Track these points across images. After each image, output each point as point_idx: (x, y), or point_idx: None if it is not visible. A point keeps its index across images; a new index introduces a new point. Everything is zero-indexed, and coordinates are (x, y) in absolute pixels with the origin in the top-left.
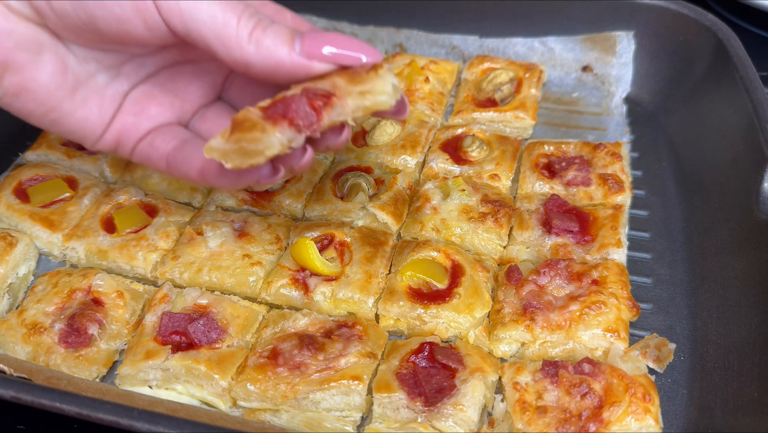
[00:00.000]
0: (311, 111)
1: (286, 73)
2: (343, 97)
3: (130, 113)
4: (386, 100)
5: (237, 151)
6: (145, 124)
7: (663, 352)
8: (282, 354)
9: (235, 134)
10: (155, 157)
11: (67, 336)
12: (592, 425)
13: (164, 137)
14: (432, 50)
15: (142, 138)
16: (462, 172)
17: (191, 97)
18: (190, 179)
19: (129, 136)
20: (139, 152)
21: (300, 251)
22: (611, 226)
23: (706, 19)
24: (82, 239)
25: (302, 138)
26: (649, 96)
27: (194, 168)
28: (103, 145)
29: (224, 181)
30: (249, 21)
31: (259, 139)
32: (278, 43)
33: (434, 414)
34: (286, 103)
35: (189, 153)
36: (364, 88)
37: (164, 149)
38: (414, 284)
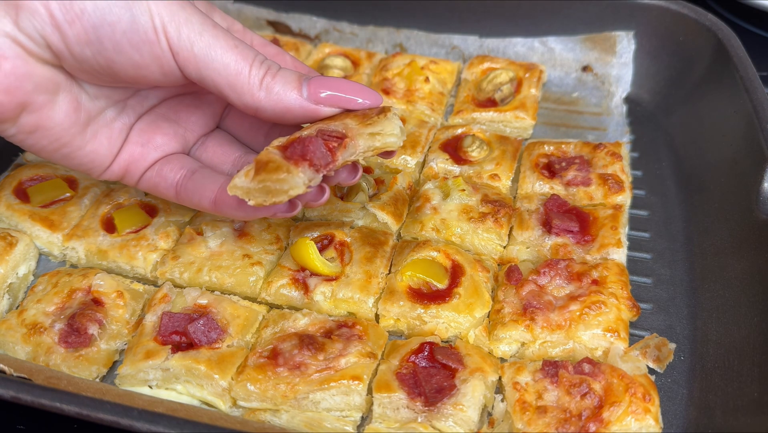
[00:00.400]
0: (327, 152)
1: (294, 116)
2: (354, 138)
3: (138, 144)
4: (395, 141)
5: (261, 190)
6: (152, 154)
7: (663, 352)
8: (282, 354)
9: (260, 175)
10: (163, 186)
11: (67, 336)
12: (592, 425)
13: (172, 166)
14: (432, 50)
15: (149, 167)
16: (462, 172)
17: (192, 127)
18: (201, 208)
19: (137, 166)
20: (146, 181)
21: (300, 251)
22: (611, 226)
23: (706, 19)
24: (82, 238)
25: (320, 177)
26: (649, 96)
27: (206, 198)
28: (110, 175)
29: (240, 214)
30: (260, 69)
31: (284, 180)
32: (287, 89)
33: (434, 414)
34: (304, 144)
35: (199, 183)
36: (374, 129)
37: (173, 179)
38: (414, 284)
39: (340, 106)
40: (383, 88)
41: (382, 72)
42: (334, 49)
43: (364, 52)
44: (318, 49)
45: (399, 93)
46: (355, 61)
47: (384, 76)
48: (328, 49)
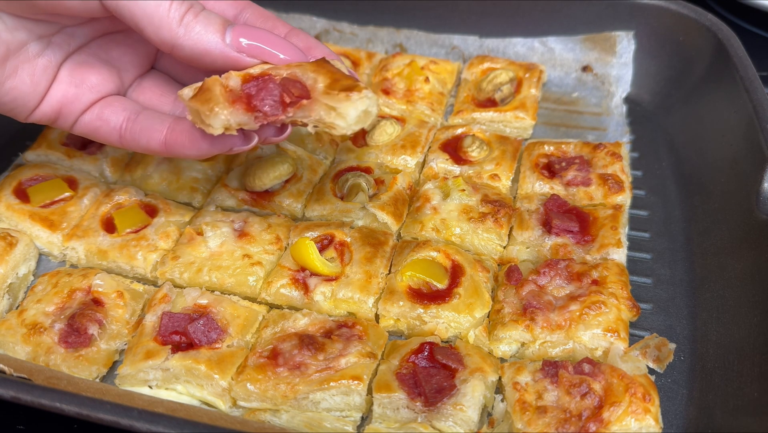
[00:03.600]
0: (278, 104)
1: (213, 60)
2: (313, 103)
3: (70, 84)
4: (342, 127)
5: (193, 111)
6: (87, 96)
7: (663, 352)
8: (282, 354)
9: (196, 97)
10: (105, 130)
11: (67, 336)
12: (592, 425)
13: (113, 109)
14: (432, 50)
15: (86, 110)
16: (462, 172)
17: (127, 66)
18: (149, 151)
19: (72, 108)
20: (85, 125)
21: (300, 251)
22: (611, 226)
23: (706, 19)
24: (82, 239)
25: (255, 125)
26: (649, 96)
27: (155, 140)
28: (41, 116)
29: (192, 152)
30: (182, 4)
31: (206, 114)
32: (209, 31)
33: (434, 414)
34: (259, 88)
35: (146, 125)
36: (332, 104)
37: (116, 122)
38: (414, 284)
39: (262, 58)
40: (383, 88)
41: (382, 72)
42: (335, 49)
43: (364, 52)
44: None
45: (399, 93)
46: (355, 61)
47: (384, 76)
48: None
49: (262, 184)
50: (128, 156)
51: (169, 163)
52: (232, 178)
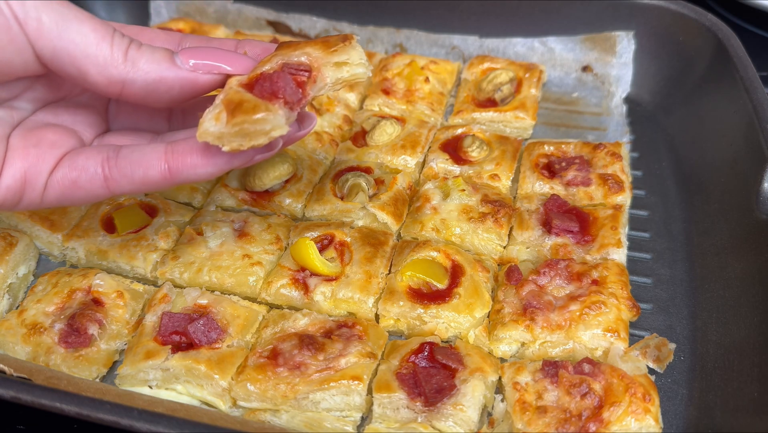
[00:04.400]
0: (297, 87)
1: (169, 88)
2: (321, 70)
3: (27, 147)
4: (363, 72)
5: (237, 133)
6: (50, 153)
7: (663, 352)
8: (282, 354)
9: (236, 117)
10: (84, 179)
11: (67, 336)
12: (592, 425)
13: (86, 155)
14: (432, 50)
15: (53, 169)
16: (462, 172)
17: (82, 127)
18: (146, 186)
19: (37, 169)
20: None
21: (300, 251)
22: (611, 226)
23: (706, 19)
24: (82, 239)
25: (294, 115)
26: (649, 96)
27: (155, 168)
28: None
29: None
30: (122, 41)
31: (265, 120)
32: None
33: (434, 414)
34: (273, 81)
35: (135, 158)
36: (340, 58)
37: (94, 166)
38: (414, 284)
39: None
40: (383, 88)
41: (382, 72)
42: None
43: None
44: None
45: (399, 93)
46: None
47: (384, 76)
48: None
49: (262, 185)
50: None
51: None
52: (232, 178)
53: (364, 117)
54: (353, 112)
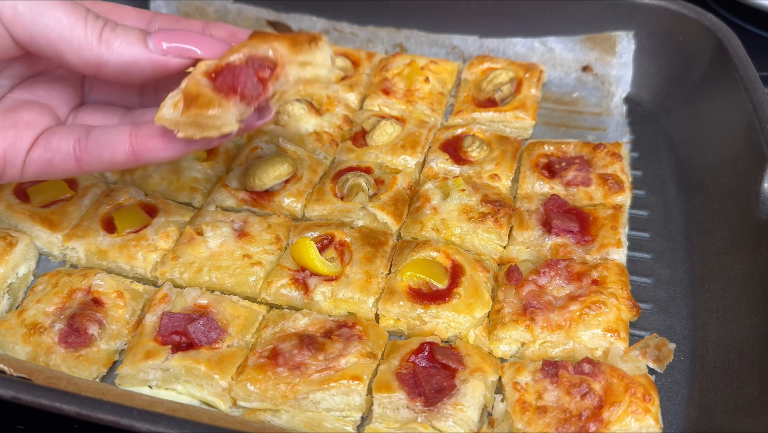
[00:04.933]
0: (258, 83)
1: (141, 70)
2: (285, 67)
3: (4, 128)
4: (326, 75)
5: (191, 124)
6: (27, 133)
7: (663, 352)
8: (282, 354)
9: (191, 109)
10: (59, 159)
11: (67, 336)
12: (592, 425)
13: (60, 136)
14: (432, 50)
15: (30, 148)
16: (462, 172)
17: (57, 102)
18: (114, 165)
19: (14, 149)
20: (34, 163)
21: (300, 251)
22: (611, 226)
23: (706, 19)
24: (82, 239)
25: (251, 111)
26: (649, 96)
27: (120, 151)
28: None
29: (167, 154)
30: (96, 23)
31: (216, 116)
32: (131, 42)
33: (434, 414)
34: (235, 74)
35: (103, 140)
36: (305, 58)
37: (67, 147)
38: (414, 284)
39: (188, 56)
40: (383, 88)
41: (382, 72)
42: (335, 49)
43: (364, 52)
44: None
45: (399, 93)
46: (355, 61)
47: (384, 76)
48: None
49: (262, 184)
50: None
51: (168, 163)
52: (232, 178)
53: (364, 117)
54: (353, 112)
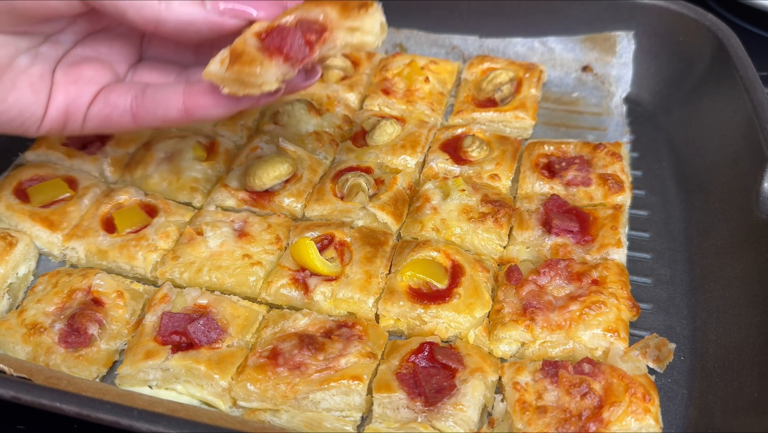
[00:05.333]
0: (304, 45)
1: (198, 30)
2: (333, 31)
3: (68, 83)
4: (373, 41)
5: (235, 80)
6: (88, 89)
7: (663, 352)
8: (282, 354)
9: (234, 66)
10: (117, 115)
11: (67, 336)
12: (592, 425)
13: (118, 93)
14: (432, 50)
15: (91, 103)
16: (462, 172)
17: (117, 59)
18: (167, 123)
19: (76, 104)
20: (94, 117)
21: (300, 251)
22: (611, 226)
23: (706, 19)
24: (82, 239)
25: (294, 72)
26: (649, 96)
27: (174, 108)
28: (51, 124)
29: (217, 112)
30: None
31: (257, 74)
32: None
33: (434, 414)
34: (283, 36)
35: (158, 98)
36: (354, 24)
37: (124, 103)
38: (414, 284)
39: (244, 18)
40: (383, 88)
41: (382, 72)
42: None
43: (364, 52)
44: None
45: (399, 93)
46: (355, 61)
47: (384, 76)
48: None
49: (262, 184)
50: (128, 156)
51: (169, 163)
52: (232, 178)
53: (364, 117)
54: (353, 112)
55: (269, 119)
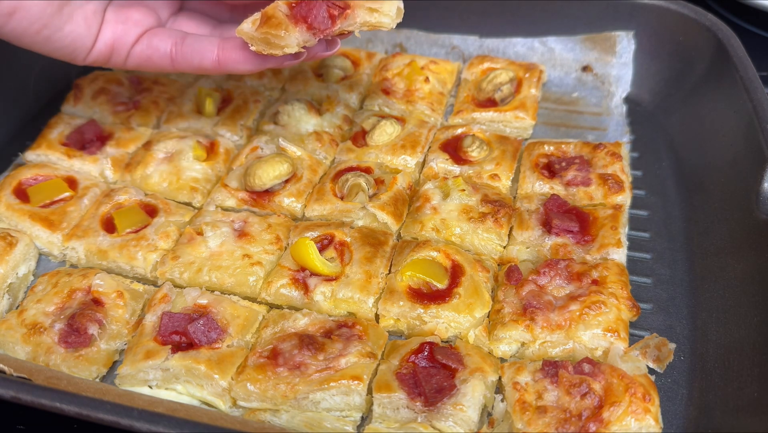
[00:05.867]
0: (327, 18)
1: None
2: (355, 9)
3: (117, 22)
4: (389, 22)
5: (262, 40)
6: (134, 30)
7: (663, 352)
8: (282, 354)
9: (263, 27)
10: (157, 57)
11: (67, 336)
12: (592, 425)
13: (161, 37)
14: (432, 50)
15: (135, 43)
16: (462, 172)
17: (161, 5)
18: (201, 70)
19: (122, 42)
20: (136, 56)
21: (300, 251)
22: (611, 226)
23: (706, 19)
24: (82, 238)
25: (315, 40)
26: (649, 96)
27: (208, 59)
28: (97, 55)
29: (247, 66)
30: None
31: (281, 37)
32: None
33: (434, 414)
34: (309, 7)
35: (196, 47)
36: (373, 5)
37: (165, 48)
38: (414, 284)
39: None
40: (383, 88)
41: (382, 72)
42: None
43: (364, 52)
44: None
45: (399, 93)
46: (355, 61)
47: (384, 76)
48: None
49: (262, 184)
50: (128, 156)
51: (169, 163)
52: (232, 178)
53: (364, 117)
54: (353, 112)
55: (269, 119)
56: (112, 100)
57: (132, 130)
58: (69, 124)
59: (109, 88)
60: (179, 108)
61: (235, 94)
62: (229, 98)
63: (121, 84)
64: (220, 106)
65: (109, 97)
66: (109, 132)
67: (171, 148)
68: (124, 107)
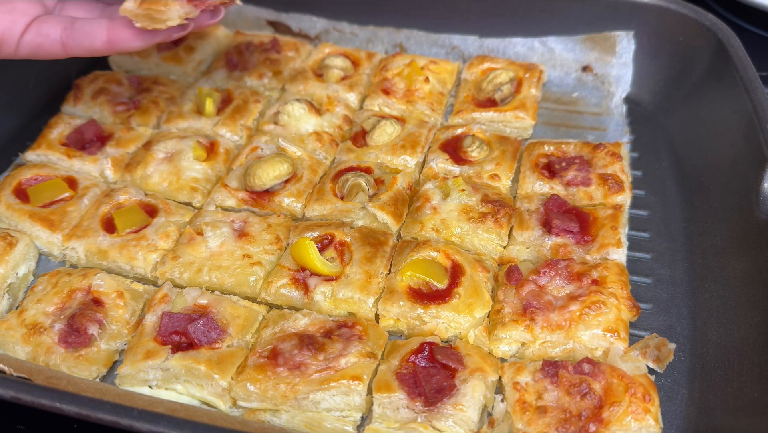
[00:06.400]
0: None
1: None
2: None
3: (3, 13)
4: None
5: (145, 16)
6: (21, 19)
7: (663, 352)
8: (282, 354)
9: (145, 3)
10: (48, 44)
11: (67, 336)
12: (592, 425)
13: (49, 24)
14: (432, 50)
15: (24, 32)
16: (462, 172)
17: None
18: (93, 52)
19: (11, 33)
20: (27, 45)
21: (300, 251)
22: (611, 226)
23: (706, 19)
24: (82, 239)
25: (197, 12)
26: (649, 96)
27: (99, 40)
28: None
29: (137, 44)
30: None
31: (162, 12)
32: None
33: (434, 414)
34: None
35: (86, 30)
36: None
37: (55, 34)
38: (414, 284)
39: None
40: (383, 88)
41: (382, 72)
42: (334, 49)
43: (364, 52)
44: (318, 49)
45: (399, 93)
46: (355, 61)
47: (384, 76)
48: (328, 49)
49: (262, 184)
50: (128, 156)
51: (169, 163)
52: (232, 178)
53: (364, 117)
54: (353, 112)
55: (269, 119)
56: (112, 100)
57: (132, 130)
58: (69, 124)
59: (109, 88)
60: (179, 108)
61: (235, 94)
62: (229, 98)
63: (121, 84)
64: (220, 107)
65: (109, 97)
66: (109, 132)
67: (171, 148)
68: (124, 107)
